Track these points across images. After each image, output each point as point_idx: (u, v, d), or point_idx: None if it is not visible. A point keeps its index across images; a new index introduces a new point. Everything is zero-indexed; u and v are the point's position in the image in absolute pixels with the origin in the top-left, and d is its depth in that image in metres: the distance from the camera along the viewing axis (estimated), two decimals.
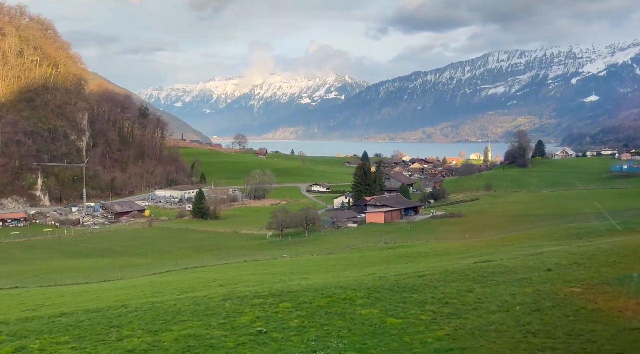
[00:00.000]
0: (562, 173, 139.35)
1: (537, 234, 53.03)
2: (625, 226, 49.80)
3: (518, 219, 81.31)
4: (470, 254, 40.50)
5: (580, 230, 49.30)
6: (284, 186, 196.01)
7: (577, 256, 26.38)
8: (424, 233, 79.17)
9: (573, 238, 42.31)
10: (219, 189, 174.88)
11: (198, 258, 69.21)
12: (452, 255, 41.22)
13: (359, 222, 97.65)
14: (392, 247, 64.59)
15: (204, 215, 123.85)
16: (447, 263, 33.03)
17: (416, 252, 48.33)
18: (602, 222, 55.18)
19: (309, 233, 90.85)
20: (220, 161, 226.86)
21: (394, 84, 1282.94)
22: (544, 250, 32.77)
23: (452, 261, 36.27)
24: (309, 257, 61.05)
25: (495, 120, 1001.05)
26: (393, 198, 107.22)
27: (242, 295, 22.69)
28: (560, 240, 41.46)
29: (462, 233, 74.59)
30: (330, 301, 20.94)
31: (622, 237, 36.86)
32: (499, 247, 43.13)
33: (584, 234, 46.66)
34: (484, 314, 18.24)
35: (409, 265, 37.75)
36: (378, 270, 35.06)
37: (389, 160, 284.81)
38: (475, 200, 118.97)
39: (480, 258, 32.96)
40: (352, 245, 71.73)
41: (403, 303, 20.41)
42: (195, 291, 31.34)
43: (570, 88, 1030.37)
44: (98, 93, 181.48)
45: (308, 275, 38.18)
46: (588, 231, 48.47)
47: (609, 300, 18.42)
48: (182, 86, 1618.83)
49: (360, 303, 20.51)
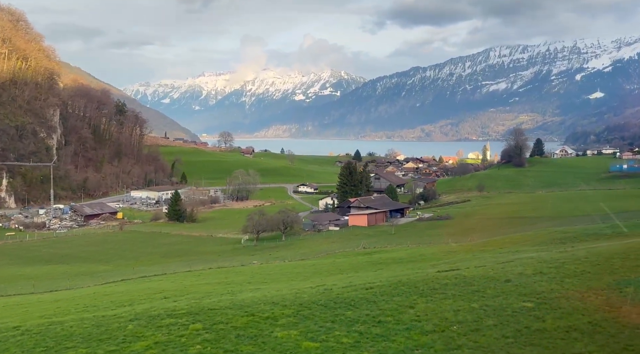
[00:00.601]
0: (559, 173, 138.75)
1: (521, 238, 52.02)
2: (613, 230, 49.13)
3: (507, 222, 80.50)
4: (443, 261, 38.06)
5: (565, 234, 48.31)
6: (270, 187, 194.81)
7: (545, 265, 24.89)
8: (407, 237, 78.02)
9: (556, 243, 41.33)
10: (200, 190, 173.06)
11: (163, 265, 67.48)
12: (425, 261, 40.21)
13: (342, 225, 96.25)
14: (369, 252, 63.27)
15: (180, 217, 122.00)
16: (410, 272, 31.61)
17: (391, 258, 47.12)
18: (592, 225, 54.19)
19: (287, 237, 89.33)
20: (203, 160, 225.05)
21: (392, 80, 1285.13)
22: (516, 258, 31.28)
23: (418, 269, 34.93)
24: (280, 264, 59.75)
25: (497, 118, 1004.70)
26: (378, 199, 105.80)
27: (155, 313, 20.96)
28: (542, 245, 40.68)
29: (446, 237, 73.65)
30: (249, 321, 19.26)
31: (607, 242, 36.15)
32: (477, 253, 42.02)
33: (568, 239, 45.50)
34: (414, 336, 16.66)
35: (377, 272, 35.62)
36: (338, 279, 33.84)
37: (383, 160, 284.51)
38: (467, 201, 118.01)
39: (448, 267, 31.81)
40: (329, 250, 70.29)
41: (331, 322, 18.74)
42: (134, 304, 29.70)
43: (574, 85, 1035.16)
44: (72, 89, 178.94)
45: (264, 285, 36.95)
46: (574, 235, 47.63)
47: (559, 318, 16.82)
48: (170, 82, 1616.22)
49: (283, 323, 18.84)
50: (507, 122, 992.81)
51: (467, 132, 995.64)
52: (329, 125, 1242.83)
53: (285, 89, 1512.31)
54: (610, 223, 54.11)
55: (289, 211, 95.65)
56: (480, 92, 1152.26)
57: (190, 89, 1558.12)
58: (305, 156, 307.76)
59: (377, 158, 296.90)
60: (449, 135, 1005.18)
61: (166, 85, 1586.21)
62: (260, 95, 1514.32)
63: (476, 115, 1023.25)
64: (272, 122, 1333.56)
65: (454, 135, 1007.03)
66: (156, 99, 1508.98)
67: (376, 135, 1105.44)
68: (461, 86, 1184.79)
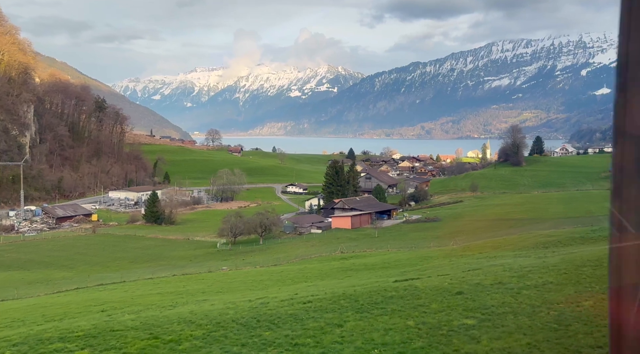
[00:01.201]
0: (558, 172, 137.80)
1: (504, 242, 51.33)
2: (601, 234, 48.53)
3: (496, 224, 79.63)
4: (414, 267, 36.57)
5: (550, 238, 47.63)
6: (257, 187, 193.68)
7: (508, 274, 23.20)
8: (390, 241, 77.20)
9: (538, 248, 40.49)
10: (182, 190, 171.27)
11: (128, 271, 66.00)
12: (397, 268, 39.26)
13: (324, 228, 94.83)
14: (345, 257, 62.34)
15: (158, 219, 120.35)
16: (370, 281, 30.51)
17: (364, 264, 46.27)
18: (581, 228, 53.45)
19: (265, 241, 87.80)
20: (189, 159, 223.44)
21: (391, 76, 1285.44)
22: (489, 265, 30.04)
23: (382, 277, 33.85)
24: (249, 270, 58.71)
25: (500, 115, 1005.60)
26: (364, 200, 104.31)
27: (47, 336, 19.33)
28: (523, 250, 39.73)
29: (430, 240, 72.94)
30: (146, 346, 17.61)
31: (590, 246, 35.22)
32: (454, 258, 41.18)
33: (552, 243, 44.85)
34: None
35: (341, 280, 34.68)
36: (293, 289, 33.09)
37: (377, 158, 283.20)
38: (459, 202, 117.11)
39: (410, 275, 30.73)
40: (305, 255, 69.04)
41: (242, 345, 17.14)
42: (64, 319, 28.35)
43: (580, 81, 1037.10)
44: (49, 84, 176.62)
45: (216, 296, 36.16)
46: (559, 239, 47.23)
47: (496, 339, 15.31)
48: (161, 77, 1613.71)
49: (184, 348, 17.19)
50: (510, 119, 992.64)
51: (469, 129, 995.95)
52: (326, 123, 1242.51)
53: (281, 85, 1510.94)
54: (599, 226, 53.29)
55: (269, 213, 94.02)
56: (482, 88, 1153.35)
57: (181, 85, 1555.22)
58: (297, 155, 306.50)
59: (371, 157, 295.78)
60: (450, 133, 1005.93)
61: (157, 81, 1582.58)
62: (255, 91, 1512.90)
63: (478, 112, 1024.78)
64: (266, 119, 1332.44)
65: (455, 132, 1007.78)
66: (146, 95, 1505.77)
67: (374, 133, 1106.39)
68: (462, 82, 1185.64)
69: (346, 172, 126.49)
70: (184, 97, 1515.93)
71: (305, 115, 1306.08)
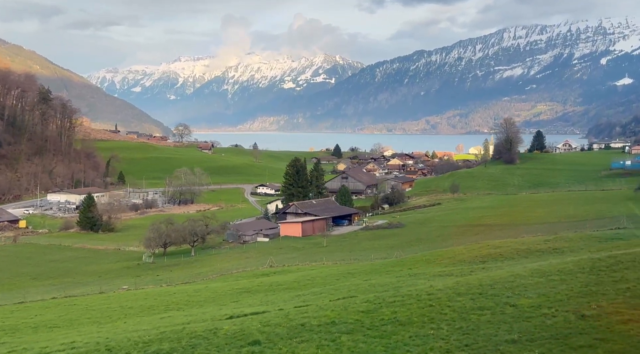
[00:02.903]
0: (553, 171, 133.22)
1: (444, 254, 46.91)
2: (556, 246, 45.21)
3: (463, 230, 75.72)
4: (323, 288, 34.94)
5: (496, 250, 47.64)
6: (225, 188, 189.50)
7: (364, 307, 20.99)
8: (336, 252, 72.75)
9: (475, 263, 38.69)
10: (136, 192, 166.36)
11: (18, 291, 61.33)
12: (307, 287, 38.24)
13: (272, 235, 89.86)
14: (267, 273, 57.97)
15: (95, 226, 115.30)
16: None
17: (281, 283, 43.48)
18: (540, 237, 49.73)
19: (199, 252, 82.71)
20: (151, 157, 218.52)
21: (393, 66, 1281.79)
22: (393, 286, 28.74)
23: (243, 306, 30.77)
24: (150, 290, 54.05)
25: (512, 108, 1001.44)
26: (321, 204, 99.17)
27: None
28: (458, 265, 38.55)
29: (382, 250, 68.55)
30: None
31: (524, 263, 33.01)
32: (376, 275, 40.07)
33: (494, 256, 39.99)
34: None
35: (230, 306, 32.99)
36: (135, 322, 30.58)
37: (366, 156, 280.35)
38: (437, 204, 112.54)
39: (269, 307, 26.94)
40: (228, 270, 64.41)
41: None
42: None
43: (599, 70, 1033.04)
44: None
45: (47, 332, 32.83)
46: (503, 251, 46.31)
47: None
48: (142, 68, 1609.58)
49: None
50: (523, 112, 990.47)
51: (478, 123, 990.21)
52: (322, 117, 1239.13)
53: (273, 76, 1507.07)
54: (559, 235, 49.51)
55: (208, 219, 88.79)
56: (493, 78, 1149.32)
57: (164, 76, 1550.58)
58: (277, 152, 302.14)
59: (360, 154, 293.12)
60: (458, 128, 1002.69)
61: (137, 71, 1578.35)
62: (245, 82, 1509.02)
63: (488, 105, 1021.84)
64: (257, 113, 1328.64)
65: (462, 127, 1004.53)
66: (125, 87, 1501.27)
67: (375, 128, 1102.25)
68: (471, 72, 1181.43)
69: (310, 171, 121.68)
70: (166, 89, 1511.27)
71: (299, 108, 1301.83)
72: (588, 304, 18.41)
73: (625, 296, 19.34)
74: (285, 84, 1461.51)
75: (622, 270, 24.60)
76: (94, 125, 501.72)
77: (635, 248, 34.58)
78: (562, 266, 26.10)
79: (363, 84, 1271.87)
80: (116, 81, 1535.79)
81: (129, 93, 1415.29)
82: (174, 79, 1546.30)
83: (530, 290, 21.25)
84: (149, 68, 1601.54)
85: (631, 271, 24.42)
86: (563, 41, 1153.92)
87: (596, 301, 18.94)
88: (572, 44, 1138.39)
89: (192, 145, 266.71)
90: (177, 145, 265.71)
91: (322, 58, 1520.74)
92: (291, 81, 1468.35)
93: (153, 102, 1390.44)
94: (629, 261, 26.93)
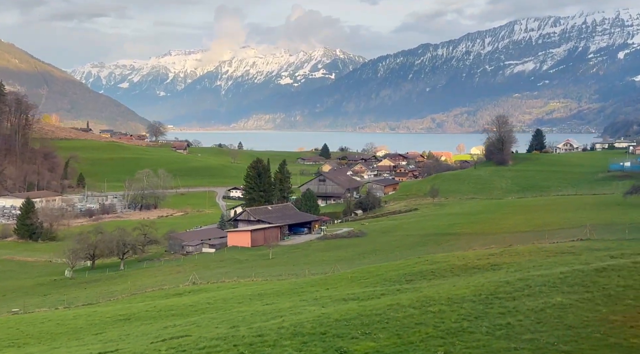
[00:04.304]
0: (546, 173, 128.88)
1: (385, 270, 43.67)
2: (493, 261, 41.53)
3: (427, 240, 72.64)
4: (211, 315, 33.28)
5: (433, 266, 39.92)
6: (195, 191, 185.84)
7: None
8: (280, 265, 68.79)
9: (401, 282, 36.35)
10: (95, 196, 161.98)
11: None
12: (199, 313, 35.88)
13: (219, 245, 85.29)
14: (182, 292, 53.49)
15: (34, 234, 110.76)
16: None
17: (176, 307, 40.84)
18: (495, 250, 46.14)
19: (131, 265, 78.03)
20: (118, 157, 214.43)
21: (397, 60, 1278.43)
22: (285, 308, 29.27)
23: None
24: (38, 314, 49.68)
25: (523, 105, 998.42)
26: (278, 210, 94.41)
27: None
28: (386, 284, 36.30)
29: (329, 263, 65.13)
30: None
31: (447, 281, 32.39)
32: (293, 296, 37.79)
33: (424, 274, 37.74)
34: None
35: (75, 343, 31.05)
36: None
37: (356, 156, 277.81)
38: (413, 210, 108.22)
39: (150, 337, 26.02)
40: (145, 287, 59.84)
41: None
42: None
43: (616, 65, 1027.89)
44: None
45: None
46: (439, 268, 38.71)
47: None
48: (130, 62, 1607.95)
49: None
50: (535, 109, 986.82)
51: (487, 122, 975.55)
52: (322, 115, 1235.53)
53: (269, 71, 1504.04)
54: (514, 248, 45.75)
55: (146, 227, 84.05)
56: (503, 73, 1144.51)
57: (153, 71, 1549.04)
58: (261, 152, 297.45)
59: (350, 154, 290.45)
60: (465, 126, 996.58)
61: (124, 66, 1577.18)
62: (239, 78, 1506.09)
63: (497, 102, 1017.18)
64: (253, 110, 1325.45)
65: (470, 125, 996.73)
66: (112, 83, 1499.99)
67: (377, 127, 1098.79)
68: (480, 67, 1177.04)
69: (275, 173, 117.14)
70: (156, 85, 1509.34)
71: (297, 105, 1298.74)
72: (441, 348, 17.19)
73: (492, 337, 17.87)
74: (282, 80, 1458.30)
75: (521, 298, 22.70)
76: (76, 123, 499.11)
77: (572, 265, 30.59)
78: (455, 292, 24.49)
79: (365, 80, 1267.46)
80: (102, 76, 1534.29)
81: (115, 89, 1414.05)
82: (163, 74, 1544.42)
83: (390, 327, 19.78)
84: (137, 62, 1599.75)
85: (530, 299, 22.38)
86: (578, 34, 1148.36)
87: (452, 344, 17.50)
88: (587, 37, 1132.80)
89: (166, 145, 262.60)
90: (150, 145, 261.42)
91: (322, 52, 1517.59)
92: (288, 76, 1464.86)
93: (141, 98, 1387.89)
94: (540, 284, 24.60)
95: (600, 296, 22.85)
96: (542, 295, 22.89)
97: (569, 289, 23.64)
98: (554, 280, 24.72)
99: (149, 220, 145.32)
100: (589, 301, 21.31)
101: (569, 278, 25.12)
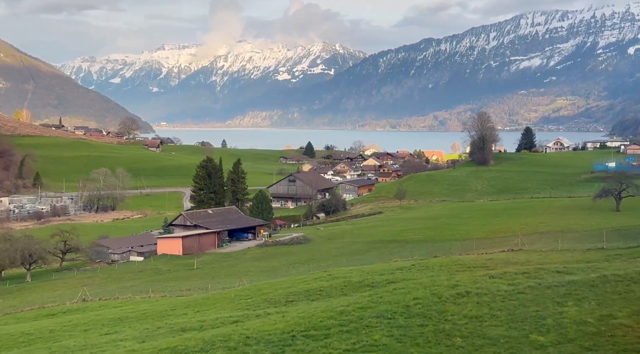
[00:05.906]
0: (527, 174, 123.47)
1: (273, 288, 38.56)
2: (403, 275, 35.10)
3: (371, 247, 68.84)
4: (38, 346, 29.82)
5: (329, 282, 34.97)
6: (162, 192, 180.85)
7: None
8: (197, 278, 63.52)
9: (280, 303, 32.26)
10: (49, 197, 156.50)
11: None
12: (25, 345, 31.67)
13: (149, 254, 79.66)
14: (57, 312, 48.03)
15: None
16: None
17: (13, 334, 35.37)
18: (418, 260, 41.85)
19: (42, 275, 72.33)
20: (82, 156, 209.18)
21: (398, 55, 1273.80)
22: None
23: None
24: None
25: (529, 102, 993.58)
26: (219, 214, 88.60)
27: None
28: (266, 305, 32.42)
29: (252, 275, 60.47)
30: None
31: (325, 302, 28.61)
32: (149, 322, 33.29)
33: (317, 292, 32.97)
34: None
35: None
36: None
37: (342, 155, 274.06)
38: (378, 213, 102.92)
39: None
40: (33, 303, 54.69)
41: None
42: None
43: (626, 60, 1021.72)
44: None
45: None
46: (330, 286, 33.66)
47: None
48: (122, 56, 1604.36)
49: None
50: (541, 107, 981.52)
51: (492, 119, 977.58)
52: (320, 112, 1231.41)
53: (266, 66, 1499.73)
54: (428, 260, 40.37)
55: (67, 233, 78.16)
56: (508, 69, 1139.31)
57: (146, 66, 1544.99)
58: (243, 150, 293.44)
59: (335, 153, 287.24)
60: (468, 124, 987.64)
61: (116, 61, 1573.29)
62: (235, 73, 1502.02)
63: (502, 99, 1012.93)
64: (249, 107, 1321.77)
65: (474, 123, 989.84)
66: (103, 78, 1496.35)
67: (378, 124, 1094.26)
68: (484, 63, 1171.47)
69: (229, 172, 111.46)
70: (149, 80, 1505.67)
71: (295, 102, 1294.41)
72: None
73: None
74: (279, 75, 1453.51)
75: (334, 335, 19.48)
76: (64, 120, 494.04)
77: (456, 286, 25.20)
78: (273, 326, 21.26)
79: (365, 76, 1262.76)
80: (93, 71, 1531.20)
81: (107, 85, 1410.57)
82: (156, 69, 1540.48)
83: None
84: (130, 57, 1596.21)
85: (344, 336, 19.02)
86: (586, 28, 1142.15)
87: None
88: (596, 32, 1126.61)
89: (138, 143, 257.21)
90: (122, 143, 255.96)
91: (321, 47, 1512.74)
92: (286, 72, 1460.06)
93: (133, 94, 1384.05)
94: (371, 316, 20.99)
95: (432, 331, 17.41)
96: (356, 332, 19.31)
97: (406, 322, 20.02)
98: (400, 309, 21.13)
99: (100, 223, 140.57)
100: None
101: (419, 305, 21.60)
